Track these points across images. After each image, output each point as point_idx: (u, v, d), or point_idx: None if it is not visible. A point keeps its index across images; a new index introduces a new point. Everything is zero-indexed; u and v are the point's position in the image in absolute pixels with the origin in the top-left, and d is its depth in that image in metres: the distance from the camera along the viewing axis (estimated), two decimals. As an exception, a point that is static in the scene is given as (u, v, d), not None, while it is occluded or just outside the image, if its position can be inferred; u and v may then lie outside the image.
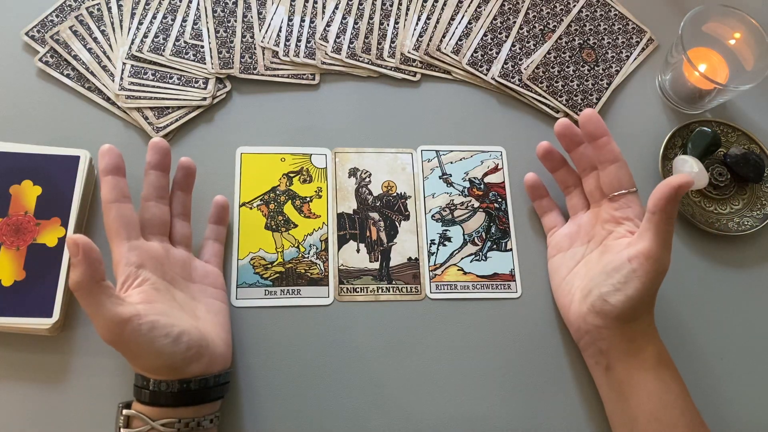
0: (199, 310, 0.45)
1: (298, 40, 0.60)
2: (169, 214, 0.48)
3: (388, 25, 0.62)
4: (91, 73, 0.57)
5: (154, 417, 0.41)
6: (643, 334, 0.46)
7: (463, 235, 0.55)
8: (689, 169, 0.56)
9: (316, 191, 0.56)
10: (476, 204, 0.57)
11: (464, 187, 0.57)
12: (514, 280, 0.54)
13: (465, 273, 0.54)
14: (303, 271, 0.53)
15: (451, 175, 0.57)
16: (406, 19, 0.62)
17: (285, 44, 0.60)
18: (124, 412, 0.41)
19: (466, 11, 0.63)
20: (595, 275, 0.47)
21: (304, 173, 0.56)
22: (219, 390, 0.43)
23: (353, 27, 0.61)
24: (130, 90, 0.56)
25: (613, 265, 0.45)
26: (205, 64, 0.58)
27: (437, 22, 0.62)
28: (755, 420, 0.51)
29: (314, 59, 0.60)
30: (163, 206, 0.47)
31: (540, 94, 0.60)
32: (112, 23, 0.59)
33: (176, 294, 0.44)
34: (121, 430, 0.41)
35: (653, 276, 0.44)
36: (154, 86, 0.56)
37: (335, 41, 0.60)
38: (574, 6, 0.64)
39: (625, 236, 0.47)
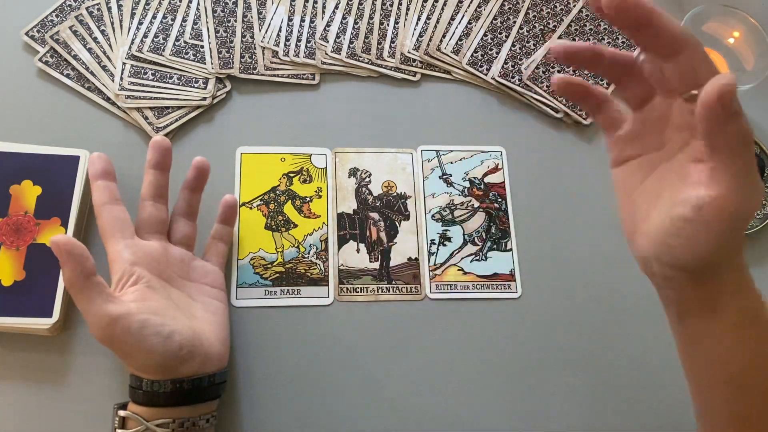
0: (196, 309, 0.45)
1: (298, 40, 0.60)
2: (167, 213, 0.48)
3: (388, 25, 0.62)
4: (91, 73, 0.57)
5: (149, 417, 0.40)
6: (723, 289, 0.35)
7: (463, 235, 0.55)
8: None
9: (316, 191, 0.56)
10: (476, 204, 0.57)
11: (464, 187, 0.57)
12: (514, 280, 0.54)
13: (465, 273, 0.54)
14: (303, 271, 0.53)
15: (451, 175, 0.57)
16: (406, 19, 0.62)
17: (285, 44, 0.60)
18: (119, 413, 0.41)
19: (466, 11, 0.63)
20: (663, 213, 0.35)
21: (304, 173, 0.56)
22: (214, 390, 0.43)
23: (353, 27, 0.61)
24: (130, 90, 0.56)
25: (680, 213, 0.33)
26: (205, 64, 0.58)
27: (437, 22, 0.62)
28: (755, 420, 0.51)
29: (314, 59, 0.60)
30: (160, 205, 0.47)
31: (540, 94, 0.60)
32: (112, 23, 0.59)
33: (172, 293, 0.44)
34: (117, 431, 0.41)
35: (732, 226, 0.33)
36: (154, 86, 0.56)
37: (335, 41, 0.60)
38: (574, 6, 0.64)
39: (701, 160, 0.33)
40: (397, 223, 0.55)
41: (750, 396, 0.36)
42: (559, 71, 0.61)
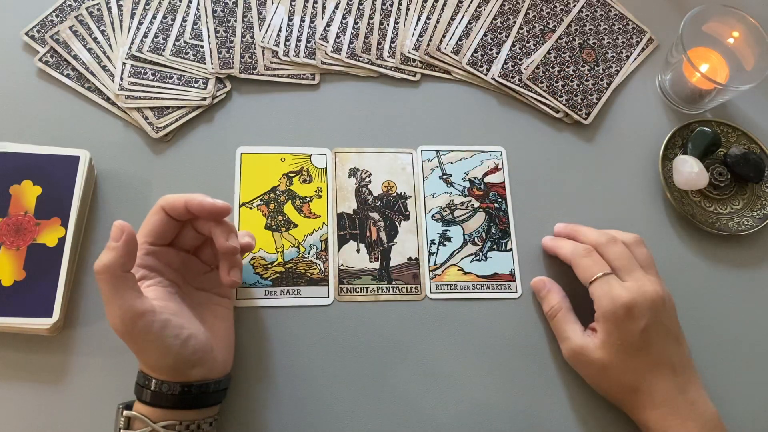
0: (205, 315, 0.45)
1: (298, 40, 0.60)
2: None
3: (388, 25, 0.62)
4: (91, 73, 0.57)
5: (155, 418, 0.41)
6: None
7: (463, 235, 0.55)
8: (689, 169, 0.56)
9: (316, 191, 0.55)
10: (476, 204, 0.57)
11: (464, 187, 0.57)
12: (514, 280, 0.54)
13: (465, 273, 0.54)
14: (303, 271, 0.53)
15: (451, 175, 0.57)
16: (406, 19, 0.62)
17: (285, 44, 0.60)
18: (125, 413, 0.41)
19: (466, 11, 0.63)
20: None
21: (304, 173, 0.56)
22: (219, 395, 0.44)
23: (353, 27, 0.61)
24: (130, 90, 0.56)
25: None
26: (205, 64, 0.58)
27: (437, 22, 0.62)
28: (755, 420, 0.51)
29: (314, 59, 0.60)
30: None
31: (540, 94, 0.60)
32: (112, 23, 0.59)
33: (185, 298, 0.45)
34: (122, 431, 0.41)
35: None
36: (154, 86, 0.56)
37: (335, 41, 0.60)
38: (574, 6, 0.64)
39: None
40: (397, 223, 0.55)
41: None
42: (559, 71, 0.61)
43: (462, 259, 0.54)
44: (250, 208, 0.54)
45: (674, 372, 0.46)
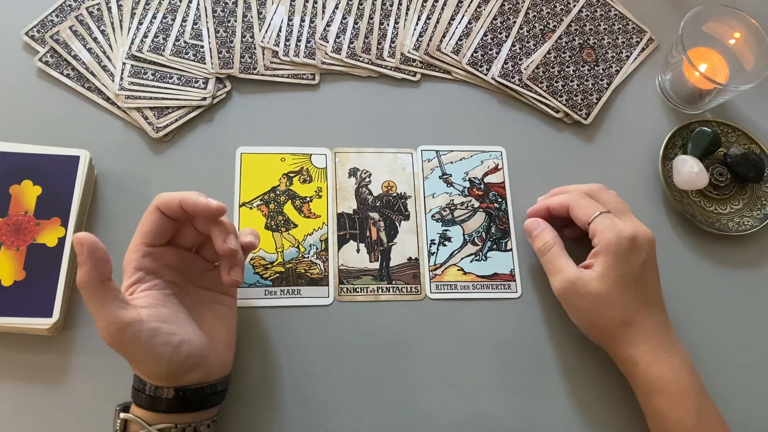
0: (206, 315, 0.45)
1: (298, 40, 0.60)
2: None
3: (388, 25, 0.62)
4: (91, 73, 0.57)
5: (151, 421, 0.40)
6: (630, 361, 0.48)
7: (463, 235, 0.55)
8: (689, 169, 0.56)
9: (316, 191, 0.56)
10: (476, 204, 0.57)
11: (464, 187, 0.57)
12: (514, 280, 0.54)
13: (465, 273, 0.54)
14: (303, 271, 0.53)
15: (451, 175, 0.57)
16: (406, 19, 0.62)
17: (285, 44, 0.60)
18: (121, 415, 0.41)
19: (466, 11, 0.63)
20: None
21: (304, 173, 0.56)
22: (216, 398, 0.43)
23: (353, 27, 0.61)
24: (130, 90, 0.56)
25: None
26: (205, 64, 0.58)
27: (437, 22, 0.62)
28: (755, 420, 0.51)
29: (314, 59, 0.60)
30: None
31: (540, 94, 0.60)
32: (112, 23, 0.59)
33: (184, 299, 0.44)
34: None
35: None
36: (154, 86, 0.56)
37: (335, 41, 0.60)
38: (574, 6, 0.64)
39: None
40: (397, 223, 0.55)
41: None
42: (559, 71, 0.61)
43: (462, 259, 0.54)
44: (250, 208, 0.54)
45: (662, 310, 0.49)
